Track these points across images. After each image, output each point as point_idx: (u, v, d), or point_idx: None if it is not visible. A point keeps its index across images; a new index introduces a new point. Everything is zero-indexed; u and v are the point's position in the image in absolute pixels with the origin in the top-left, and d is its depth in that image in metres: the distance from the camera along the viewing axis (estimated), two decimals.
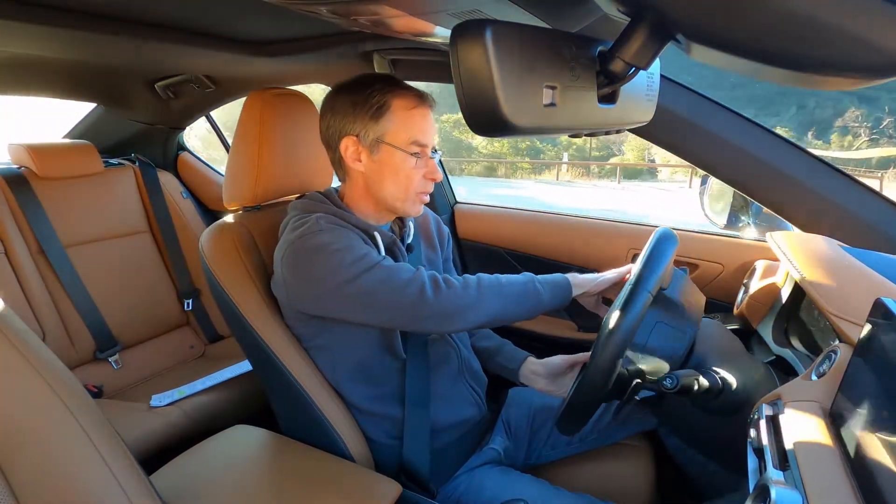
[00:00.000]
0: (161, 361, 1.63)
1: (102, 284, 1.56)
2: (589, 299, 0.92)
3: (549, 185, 21.00)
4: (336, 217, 0.86)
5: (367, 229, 0.87)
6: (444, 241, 1.09)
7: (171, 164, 1.98)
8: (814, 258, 0.76)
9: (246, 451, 0.91)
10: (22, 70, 1.35)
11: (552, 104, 0.48)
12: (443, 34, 0.82)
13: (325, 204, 0.89)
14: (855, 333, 0.60)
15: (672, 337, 0.76)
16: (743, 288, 1.07)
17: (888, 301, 0.48)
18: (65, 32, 0.94)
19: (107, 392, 1.46)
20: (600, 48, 0.54)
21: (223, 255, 0.91)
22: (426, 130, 0.85)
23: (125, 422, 1.25)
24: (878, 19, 0.34)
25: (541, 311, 0.86)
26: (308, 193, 0.93)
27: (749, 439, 0.58)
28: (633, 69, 0.51)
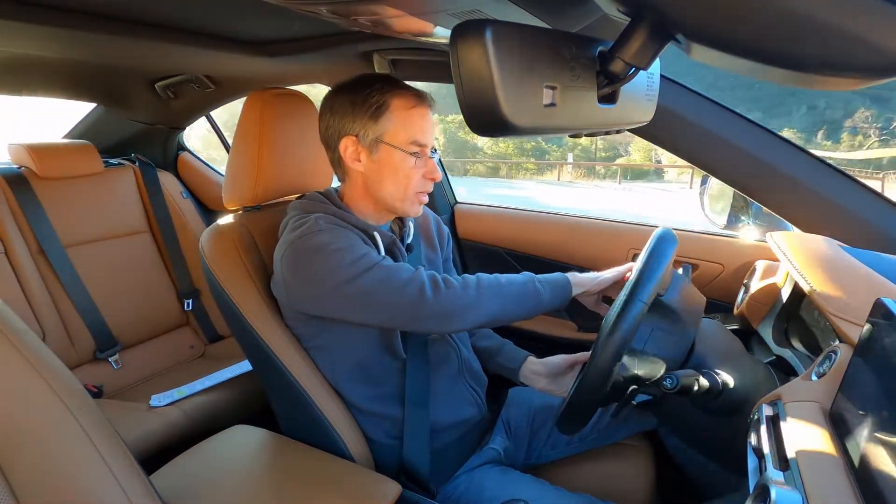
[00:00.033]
0: (161, 361, 1.63)
1: (102, 284, 1.56)
2: (589, 298, 0.92)
3: (550, 185, 21.09)
4: (335, 217, 0.86)
5: (367, 229, 0.87)
6: (443, 241, 1.09)
7: (171, 164, 1.98)
8: (814, 258, 0.76)
9: (246, 451, 0.91)
10: (22, 70, 1.35)
11: (552, 104, 0.48)
12: (443, 34, 0.82)
13: (325, 204, 0.89)
14: (855, 333, 0.60)
15: (669, 343, 0.76)
16: (743, 288, 1.07)
17: (888, 301, 0.48)
18: (65, 32, 0.94)
19: (107, 392, 1.46)
20: (600, 48, 0.54)
21: (223, 255, 0.91)
22: (425, 130, 0.85)
23: (125, 422, 1.25)
24: (878, 19, 0.34)
25: (541, 310, 0.86)
26: (308, 193, 0.93)
27: (749, 439, 0.58)
28: (633, 69, 0.51)
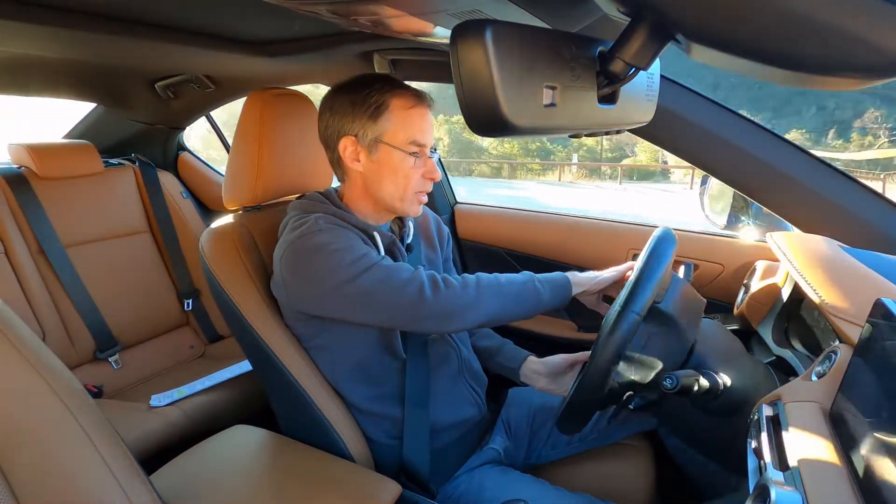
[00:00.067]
0: (161, 361, 1.63)
1: (102, 284, 1.56)
2: (589, 298, 0.92)
3: (550, 185, 21.14)
4: (335, 217, 0.86)
5: (367, 229, 0.87)
6: (443, 241, 1.09)
7: (171, 164, 1.98)
8: (814, 258, 0.76)
9: (246, 451, 0.91)
10: (22, 70, 1.35)
11: (552, 104, 0.48)
12: (443, 34, 0.82)
13: (325, 204, 0.89)
14: (855, 333, 0.60)
15: (666, 349, 0.75)
16: (743, 288, 1.06)
17: (888, 301, 0.48)
18: (65, 32, 0.94)
19: (107, 392, 1.46)
20: (600, 48, 0.54)
21: (223, 255, 0.91)
22: (424, 130, 0.85)
23: (125, 422, 1.25)
24: (878, 19, 0.34)
25: (541, 310, 0.86)
26: (308, 193, 0.93)
27: (749, 439, 0.58)
28: (633, 69, 0.51)
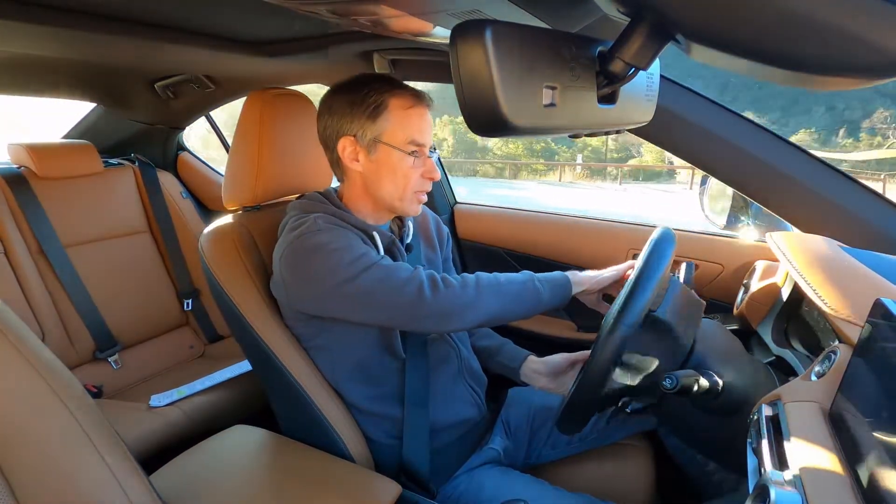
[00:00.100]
0: (161, 361, 1.63)
1: (102, 284, 1.56)
2: (589, 297, 0.92)
3: (550, 185, 21.17)
4: (335, 217, 0.86)
5: (366, 229, 0.87)
6: (443, 241, 1.09)
7: (171, 164, 1.98)
8: (814, 258, 0.76)
9: (246, 451, 0.91)
10: (22, 70, 1.35)
11: (552, 104, 0.48)
12: (443, 34, 0.82)
13: (324, 204, 0.89)
14: (855, 333, 0.60)
15: (662, 356, 0.74)
16: (743, 288, 1.06)
17: (888, 301, 0.48)
18: (65, 32, 0.94)
19: (106, 392, 1.46)
20: (600, 48, 0.54)
21: (223, 255, 0.91)
22: (423, 130, 0.85)
23: (125, 422, 1.25)
24: (878, 19, 0.34)
25: (541, 309, 0.86)
26: (307, 193, 0.93)
27: (749, 439, 0.58)
28: (633, 69, 0.51)
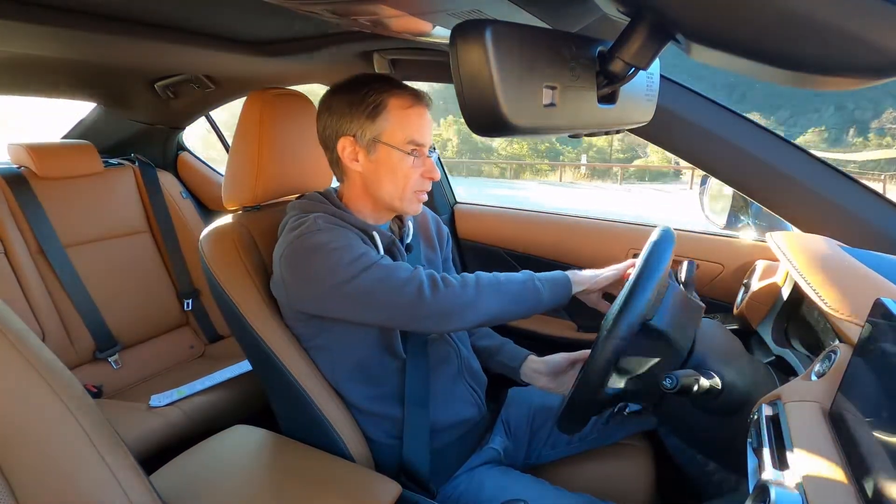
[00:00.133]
0: (161, 361, 1.63)
1: (102, 284, 1.56)
2: (590, 296, 0.92)
3: (551, 185, 21.22)
4: (334, 217, 0.86)
5: (366, 229, 0.87)
6: (443, 240, 1.09)
7: (171, 164, 1.98)
8: (814, 258, 0.76)
9: (246, 451, 0.91)
10: (22, 70, 1.35)
11: (552, 104, 0.48)
12: (443, 34, 0.82)
13: (324, 204, 0.89)
14: (854, 333, 0.60)
15: (659, 365, 0.74)
16: (743, 288, 1.06)
17: (888, 301, 0.48)
18: (65, 32, 0.94)
19: (106, 392, 1.46)
20: (600, 48, 0.54)
21: (223, 255, 0.91)
22: (423, 129, 0.85)
23: (125, 422, 1.25)
24: (878, 19, 0.34)
25: (541, 309, 0.86)
26: (307, 193, 0.93)
27: (749, 439, 0.58)
28: (633, 69, 0.51)
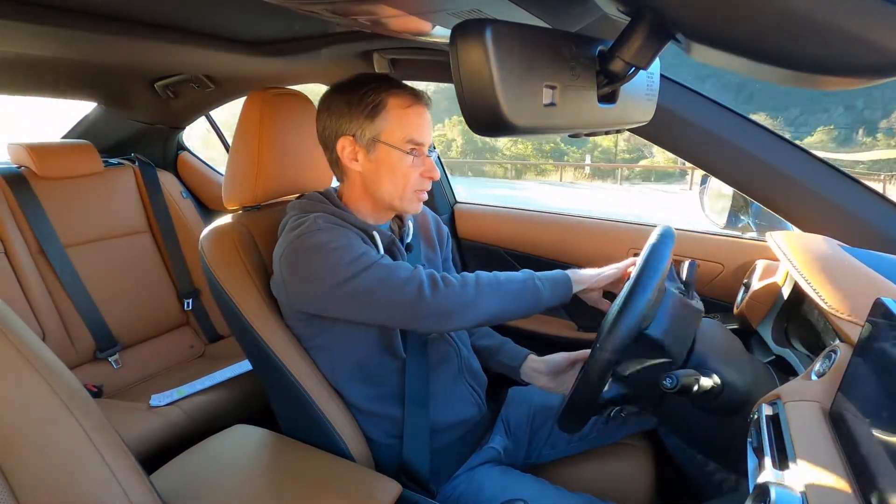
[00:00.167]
0: (161, 361, 1.63)
1: (102, 284, 1.56)
2: (590, 295, 0.92)
3: (551, 186, 21.27)
4: (334, 216, 0.86)
5: (366, 229, 0.87)
6: (443, 240, 1.09)
7: (171, 163, 1.98)
8: (814, 258, 0.76)
9: (246, 451, 0.91)
10: (22, 70, 1.35)
11: (552, 104, 0.48)
12: (443, 34, 0.82)
13: (324, 204, 0.89)
14: (855, 333, 0.60)
15: (656, 371, 0.73)
16: (743, 288, 1.06)
17: (888, 301, 0.48)
18: (65, 32, 0.94)
19: (107, 392, 1.46)
20: (600, 48, 0.54)
21: (223, 254, 0.91)
22: (422, 129, 0.85)
23: (125, 422, 1.25)
24: (878, 19, 0.34)
25: (541, 308, 0.86)
26: (307, 193, 0.93)
27: (749, 439, 0.58)
28: (633, 69, 0.51)
